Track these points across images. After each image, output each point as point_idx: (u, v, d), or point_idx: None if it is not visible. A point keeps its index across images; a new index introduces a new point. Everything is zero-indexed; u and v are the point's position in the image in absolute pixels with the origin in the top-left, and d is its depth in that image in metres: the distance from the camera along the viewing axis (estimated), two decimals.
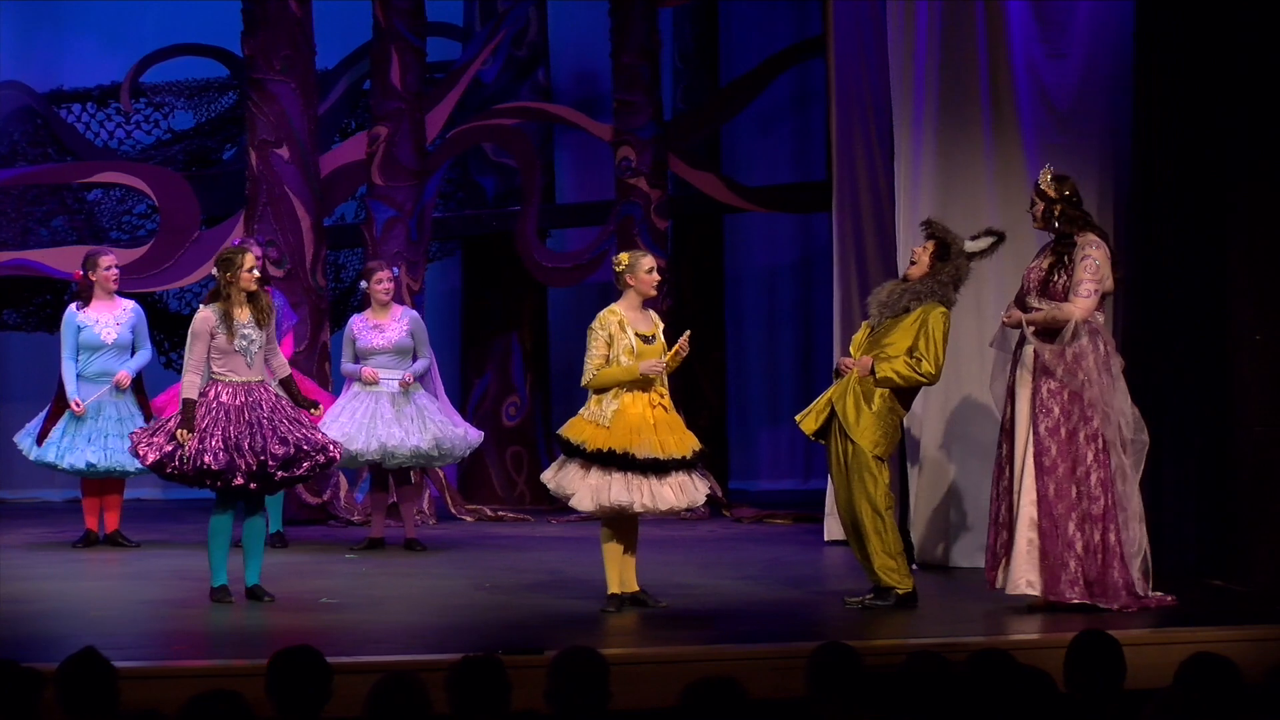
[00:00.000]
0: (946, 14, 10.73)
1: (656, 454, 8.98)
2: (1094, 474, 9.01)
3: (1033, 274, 9.23)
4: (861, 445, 9.17)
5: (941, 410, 10.81)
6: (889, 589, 9.22)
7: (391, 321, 11.40)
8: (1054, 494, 8.99)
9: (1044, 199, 9.18)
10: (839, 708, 5.62)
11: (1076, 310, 9.00)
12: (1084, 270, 9.04)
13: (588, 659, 5.52)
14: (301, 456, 9.16)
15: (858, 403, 9.21)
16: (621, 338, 9.09)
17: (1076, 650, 5.80)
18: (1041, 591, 9.02)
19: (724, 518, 13.46)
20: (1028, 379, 9.10)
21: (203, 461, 9.03)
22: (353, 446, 10.98)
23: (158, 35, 14.84)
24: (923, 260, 9.35)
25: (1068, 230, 9.14)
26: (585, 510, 9.17)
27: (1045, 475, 9.00)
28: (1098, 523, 9.00)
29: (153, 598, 9.71)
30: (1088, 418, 9.00)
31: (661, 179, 13.89)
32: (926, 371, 9.23)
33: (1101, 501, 9.00)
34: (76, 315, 11.36)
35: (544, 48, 15.01)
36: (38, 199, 14.22)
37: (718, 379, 15.20)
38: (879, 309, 9.35)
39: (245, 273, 9.22)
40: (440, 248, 14.97)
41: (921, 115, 10.78)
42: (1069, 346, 8.99)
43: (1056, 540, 8.98)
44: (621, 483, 8.96)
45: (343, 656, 7.10)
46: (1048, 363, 9.03)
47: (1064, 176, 9.26)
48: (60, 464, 11.27)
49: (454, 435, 11.37)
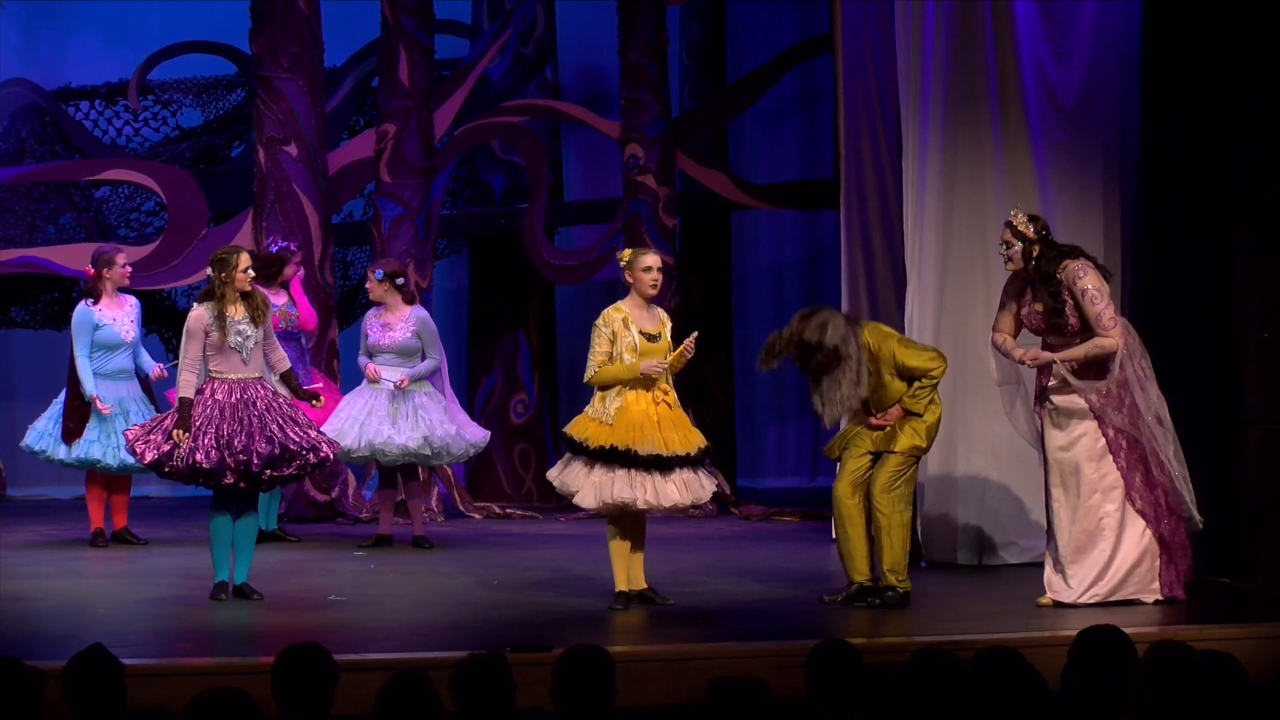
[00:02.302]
0: (953, 12, 10.72)
1: (660, 450, 8.99)
2: (1163, 476, 9.18)
3: (1032, 318, 9.21)
4: (920, 449, 9.28)
5: (947, 408, 10.78)
6: (889, 589, 9.22)
7: (399, 321, 11.40)
8: (1150, 506, 9.17)
9: (1022, 240, 9.11)
10: (839, 705, 5.63)
11: (1116, 340, 9.01)
12: (1092, 303, 9.02)
13: (594, 657, 5.52)
14: (288, 456, 9.18)
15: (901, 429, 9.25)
16: (625, 335, 9.10)
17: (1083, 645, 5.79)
18: (1163, 592, 9.23)
19: (732, 515, 13.45)
20: (1083, 419, 9.11)
21: (194, 460, 9.07)
22: (344, 442, 10.99)
23: (165, 32, 14.84)
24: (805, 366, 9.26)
25: (1049, 270, 9.10)
26: (589, 508, 9.19)
27: (1137, 494, 9.11)
28: (1165, 525, 9.21)
29: (159, 595, 9.72)
30: (1146, 426, 9.08)
31: (669, 176, 13.89)
32: (941, 370, 9.29)
33: (1166, 504, 9.21)
34: (93, 313, 11.31)
35: (551, 45, 15.01)
36: (45, 196, 14.22)
37: (725, 376, 15.18)
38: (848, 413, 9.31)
39: (240, 273, 9.28)
40: (448, 245, 14.97)
41: (929, 112, 10.77)
42: (1115, 380, 9.03)
43: (1174, 543, 9.20)
44: (625, 479, 8.96)
45: (350, 654, 7.12)
46: (1095, 405, 9.05)
47: (1036, 216, 9.26)
48: (105, 459, 11.21)
49: (446, 434, 11.32)
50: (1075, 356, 9.07)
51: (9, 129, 14.35)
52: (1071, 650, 5.74)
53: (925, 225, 10.77)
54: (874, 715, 5.45)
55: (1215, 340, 10.19)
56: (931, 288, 10.75)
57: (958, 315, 10.73)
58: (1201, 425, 10.22)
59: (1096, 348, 9.03)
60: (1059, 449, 9.16)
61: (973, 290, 10.67)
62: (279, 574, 10.26)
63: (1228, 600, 9.60)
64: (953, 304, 10.76)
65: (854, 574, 9.30)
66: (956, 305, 10.75)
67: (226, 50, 14.66)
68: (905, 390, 9.25)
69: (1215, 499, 10.16)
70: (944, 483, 10.79)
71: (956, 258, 10.74)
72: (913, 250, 10.80)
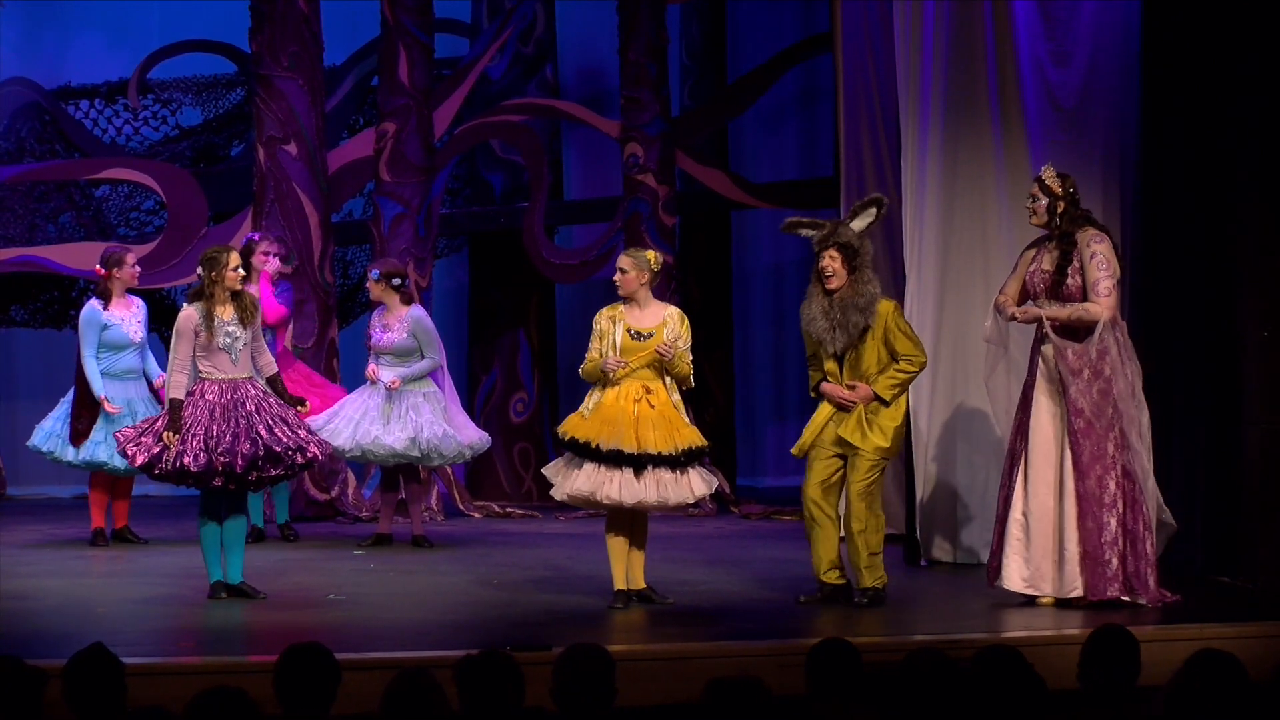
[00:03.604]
0: (953, 12, 10.73)
1: (624, 447, 9.00)
2: (1123, 467, 9.03)
3: (1036, 276, 9.20)
4: (885, 450, 9.21)
5: (947, 406, 10.81)
6: (869, 588, 9.23)
7: (396, 321, 11.39)
8: (1094, 493, 9.00)
9: (1048, 194, 9.16)
10: (838, 704, 5.63)
11: (1105, 310, 9.00)
12: (1097, 268, 9.03)
13: (594, 656, 5.52)
14: (273, 458, 9.19)
15: (863, 424, 9.20)
16: (609, 333, 9.23)
17: (1094, 646, 5.80)
18: (1085, 592, 9.03)
19: (731, 514, 13.46)
20: (1052, 379, 9.09)
21: (183, 463, 9.09)
22: (336, 442, 10.99)
23: (165, 31, 14.84)
24: (838, 270, 9.26)
25: (1069, 229, 9.12)
26: (558, 499, 9.29)
27: (1083, 476, 9.01)
28: (1128, 517, 9.03)
29: (159, 595, 9.72)
30: (1118, 411, 9.01)
31: (669, 175, 13.89)
32: (921, 364, 9.27)
33: (1130, 495, 9.03)
34: (102, 313, 11.29)
35: (551, 44, 15.01)
36: (45, 195, 14.22)
37: (725, 376, 15.19)
38: (832, 337, 9.26)
39: (230, 272, 9.30)
40: (447, 244, 14.97)
41: (928, 111, 10.78)
42: (1095, 345, 8.99)
43: (1100, 538, 9.01)
44: (589, 472, 9.05)
45: (350, 653, 7.11)
46: (1072, 364, 9.02)
47: (1066, 174, 9.25)
48: (112, 461, 11.20)
49: (434, 435, 11.26)
50: (1060, 316, 9.07)
51: (9, 128, 14.34)
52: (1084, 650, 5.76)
53: (925, 225, 10.77)
54: (874, 715, 5.45)
55: (1216, 340, 10.19)
56: (931, 287, 10.76)
57: (958, 315, 10.74)
58: (1202, 425, 10.23)
59: (1083, 311, 9.02)
60: (1032, 430, 9.14)
61: (973, 290, 10.68)
62: (279, 572, 10.26)
63: (1229, 599, 9.60)
64: (952, 303, 10.77)
65: (826, 576, 9.31)
66: (956, 304, 10.76)
67: (226, 49, 14.66)
68: (881, 367, 9.19)
69: (1216, 498, 10.18)
70: (944, 482, 10.80)
71: (956, 257, 10.75)
72: (912, 250, 10.80)
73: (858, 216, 9.35)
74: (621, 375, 9.14)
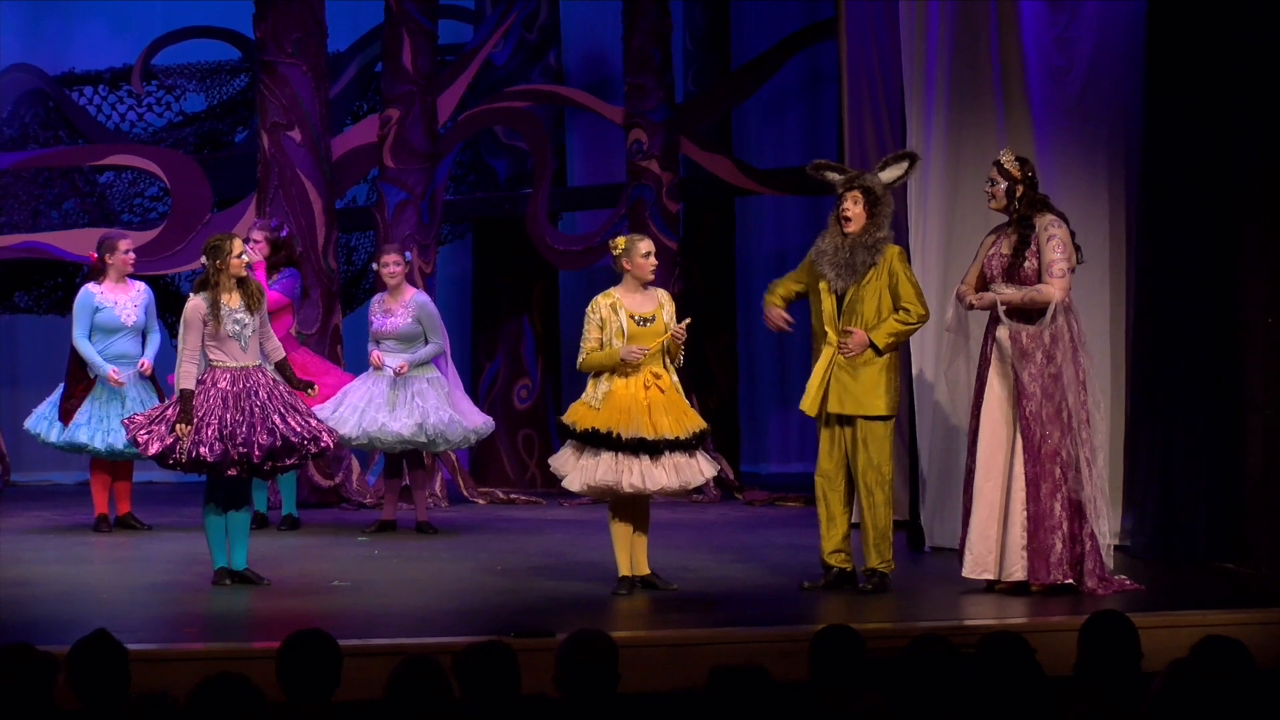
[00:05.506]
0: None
1: (644, 434, 9.00)
2: (1072, 454, 9.01)
3: (994, 260, 9.19)
4: (874, 412, 9.17)
5: (949, 398, 10.79)
6: (875, 572, 9.22)
7: (400, 306, 11.38)
8: (1041, 477, 9.00)
9: (1007, 178, 9.15)
10: (842, 691, 5.63)
11: (1057, 292, 8.99)
12: (1053, 250, 9.03)
13: (597, 642, 5.52)
14: (289, 448, 9.20)
15: (854, 374, 9.19)
16: (613, 320, 9.17)
17: (1091, 632, 5.80)
18: (1029, 576, 9.03)
19: (735, 501, 13.46)
20: (1005, 363, 9.09)
21: (199, 454, 9.09)
22: (343, 430, 10.98)
23: (168, 18, 14.83)
24: (858, 214, 9.28)
25: (1027, 213, 9.12)
26: (575, 491, 9.25)
27: (1033, 460, 9.01)
28: (1073, 504, 9.02)
29: (163, 581, 9.73)
30: (1066, 398, 9.00)
31: (673, 162, 13.88)
32: (920, 316, 9.27)
33: (1078, 480, 9.01)
34: (95, 295, 11.32)
35: (555, 31, 15.00)
36: (49, 182, 14.22)
37: (728, 362, 15.18)
38: (836, 273, 9.28)
39: (234, 259, 9.30)
40: (451, 230, 14.96)
41: (933, 98, 10.77)
42: (1047, 329, 8.99)
43: (1043, 524, 9.00)
44: (609, 463, 9.01)
45: (354, 639, 7.12)
46: (1025, 347, 9.02)
47: (1025, 159, 9.26)
48: (92, 444, 11.22)
49: (440, 420, 11.28)
50: (1014, 299, 9.07)
51: (13, 114, 14.34)
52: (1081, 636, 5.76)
53: (929, 211, 10.76)
54: (877, 701, 5.46)
55: (1219, 327, 10.18)
56: (934, 274, 10.73)
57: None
58: (1205, 411, 10.22)
59: (1036, 292, 9.01)
60: (983, 414, 9.15)
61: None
62: (282, 559, 10.27)
63: (1233, 586, 9.60)
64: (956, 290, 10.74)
65: (831, 558, 9.31)
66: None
67: (230, 35, 14.65)
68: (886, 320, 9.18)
69: (1220, 486, 10.17)
70: (947, 471, 10.78)
71: (960, 244, 10.73)
72: (916, 236, 10.79)
73: (888, 167, 9.37)
74: (635, 361, 9.11)
